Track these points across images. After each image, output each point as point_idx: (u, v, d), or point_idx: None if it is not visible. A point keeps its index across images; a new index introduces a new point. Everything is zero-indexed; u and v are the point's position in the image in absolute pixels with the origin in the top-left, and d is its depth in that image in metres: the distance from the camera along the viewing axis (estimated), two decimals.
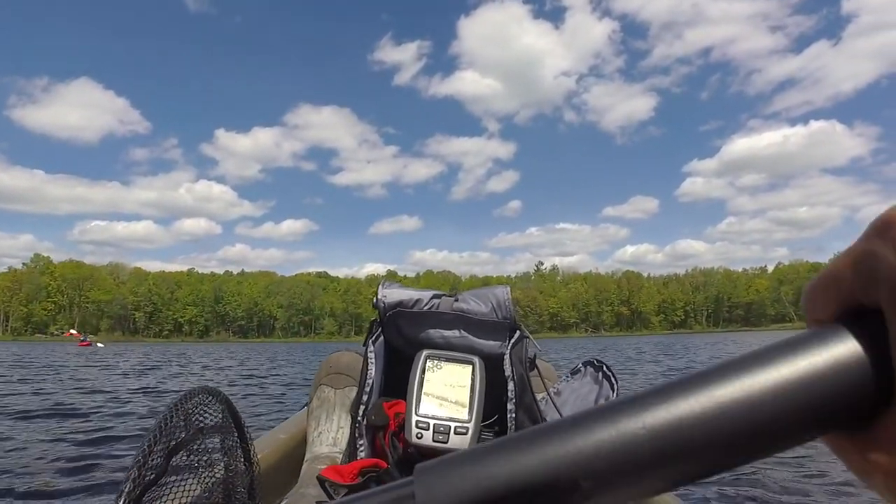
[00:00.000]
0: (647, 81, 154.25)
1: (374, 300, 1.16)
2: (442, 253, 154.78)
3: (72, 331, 60.43)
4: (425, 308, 1.15)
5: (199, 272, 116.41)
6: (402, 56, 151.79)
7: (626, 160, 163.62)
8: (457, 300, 1.16)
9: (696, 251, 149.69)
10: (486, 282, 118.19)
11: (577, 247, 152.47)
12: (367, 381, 1.07)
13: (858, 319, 0.20)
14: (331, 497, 0.91)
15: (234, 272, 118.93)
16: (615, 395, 1.41)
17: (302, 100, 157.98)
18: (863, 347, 0.19)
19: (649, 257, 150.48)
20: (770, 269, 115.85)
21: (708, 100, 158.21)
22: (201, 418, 0.73)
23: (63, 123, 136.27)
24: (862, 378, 0.19)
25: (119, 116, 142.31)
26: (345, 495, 0.88)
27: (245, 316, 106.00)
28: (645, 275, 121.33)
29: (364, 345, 1.14)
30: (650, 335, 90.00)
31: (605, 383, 1.46)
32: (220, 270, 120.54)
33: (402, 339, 1.18)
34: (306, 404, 1.51)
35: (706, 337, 55.52)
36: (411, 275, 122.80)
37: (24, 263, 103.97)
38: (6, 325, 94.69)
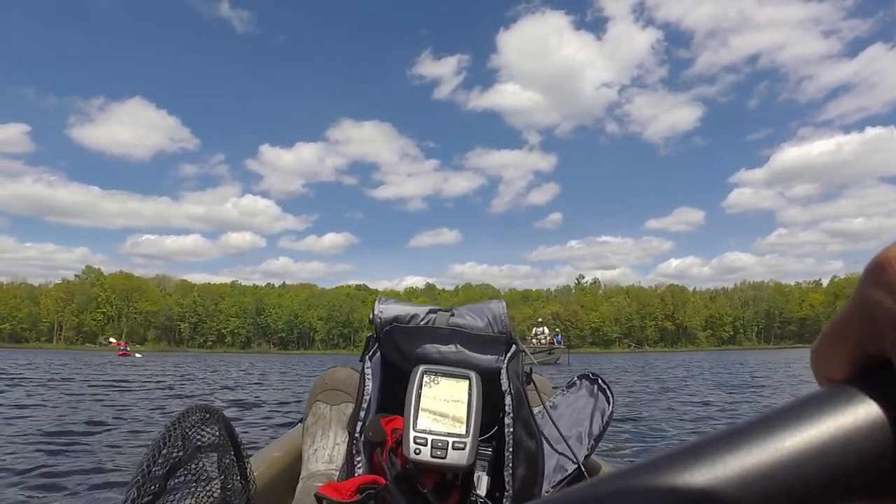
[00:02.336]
0: (691, 91, 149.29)
1: (371, 316, 1.16)
2: (482, 266, 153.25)
3: (111, 339, 61.84)
4: (421, 323, 1.14)
5: (242, 284, 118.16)
6: (441, 70, 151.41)
7: (669, 171, 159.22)
8: (453, 315, 1.15)
9: (745, 264, 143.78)
10: (526, 295, 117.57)
11: (619, 260, 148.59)
12: (365, 397, 1.06)
13: (869, 374, 0.19)
14: None
15: (276, 284, 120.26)
16: (611, 408, 1.44)
17: (344, 115, 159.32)
18: (878, 405, 0.18)
19: (694, 271, 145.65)
20: (825, 282, 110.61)
21: (756, 108, 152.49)
22: (199, 437, 0.73)
23: (117, 141, 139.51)
24: (881, 440, 0.17)
25: (170, 134, 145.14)
26: None
27: (286, 328, 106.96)
28: (690, 289, 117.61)
29: (361, 360, 1.13)
30: (696, 351, 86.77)
31: (601, 396, 1.49)
32: (262, 283, 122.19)
33: (398, 355, 1.17)
34: (300, 420, 1.53)
35: (759, 354, 52.72)
36: (450, 288, 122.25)
37: (76, 275, 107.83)
38: (59, 335, 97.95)
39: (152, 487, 0.62)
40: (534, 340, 30.53)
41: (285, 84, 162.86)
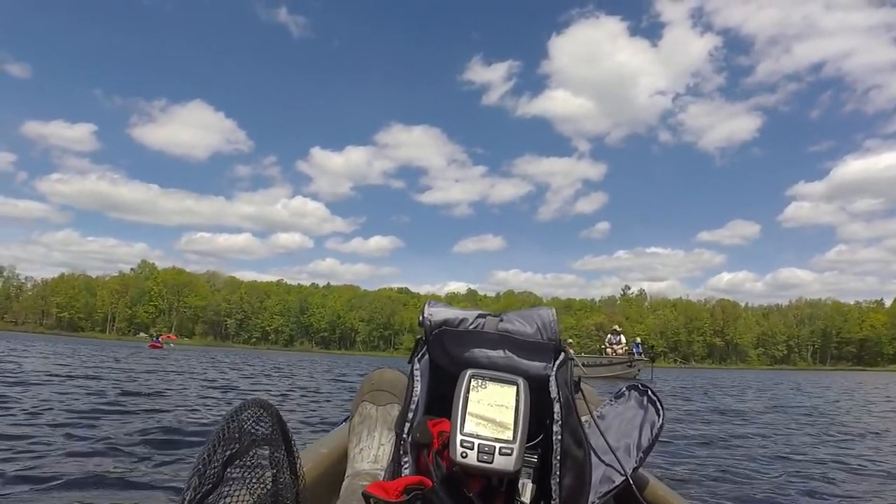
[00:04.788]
0: (750, 100, 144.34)
1: (420, 318, 1.14)
2: (526, 274, 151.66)
3: (151, 331, 62.78)
4: (470, 327, 1.13)
5: (288, 283, 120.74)
6: (491, 76, 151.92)
7: (724, 183, 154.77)
8: (502, 320, 1.13)
9: (801, 281, 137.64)
10: (569, 304, 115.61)
11: (668, 272, 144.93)
12: (413, 399, 1.06)
13: None
14: None
15: (321, 285, 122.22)
16: (661, 420, 1.43)
17: (393, 119, 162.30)
18: None
19: (747, 286, 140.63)
20: (888, 302, 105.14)
21: (818, 119, 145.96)
22: (254, 430, 0.76)
23: (177, 141, 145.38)
24: None
25: (226, 136, 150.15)
26: None
27: (328, 328, 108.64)
28: (742, 304, 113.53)
29: (409, 362, 1.12)
30: (747, 369, 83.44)
31: (651, 408, 1.48)
32: (308, 283, 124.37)
33: (446, 358, 1.16)
34: (346, 419, 1.58)
35: (814, 375, 49.83)
36: (492, 294, 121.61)
37: (131, 269, 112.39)
38: (112, 325, 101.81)
39: (212, 476, 0.64)
40: (609, 350, 25.34)
41: (337, 88, 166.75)
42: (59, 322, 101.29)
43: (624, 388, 1.62)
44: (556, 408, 1.02)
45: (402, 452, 1.03)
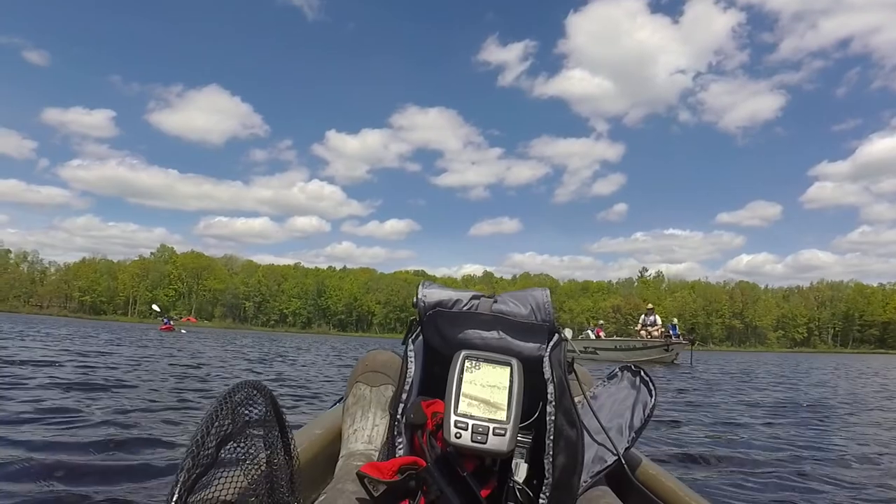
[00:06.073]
0: (774, 78, 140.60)
1: (414, 300, 1.16)
2: (542, 256, 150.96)
3: (171, 313, 62.42)
4: (464, 308, 1.14)
5: (305, 266, 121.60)
6: (507, 56, 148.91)
7: (745, 163, 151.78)
8: (496, 301, 1.15)
9: (823, 262, 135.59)
10: (586, 287, 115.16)
11: (686, 254, 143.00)
12: (407, 380, 1.07)
13: None
14: (370, 493, 0.93)
15: (338, 268, 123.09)
16: (653, 401, 1.46)
17: (409, 101, 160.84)
18: None
19: (767, 268, 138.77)
20: None
21: (844, 96, 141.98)
22: (247, 412, 0.76)
23: (194, 126, 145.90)
24: None
25: (242, 120, 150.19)
26: (384, 492, 0.94)
27: (345, 310, 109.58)
28: (762, 286, 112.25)
29: (403, 343, 1.13)
30: (766, 352, 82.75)
31: (643, 389, 1.50)
32: (325, 266, 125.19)
33: (440, 339, 1.17)
34: (338, 400, 1.57)
35: (835, 358, 48.71)
36: (508, 277, 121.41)
37: (151, 253, 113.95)
38: (133, 308, 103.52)
39: (205, 458, 0.64)
40: (643, 332, 22.98)
41: (352, 71, 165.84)
42: (81, 306, 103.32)
43: (617, 370, 1.62)
44: (550, 388, 1.03)
45: (396, 433, 1.04)
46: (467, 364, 1.01)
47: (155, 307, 55.32)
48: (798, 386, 10.85)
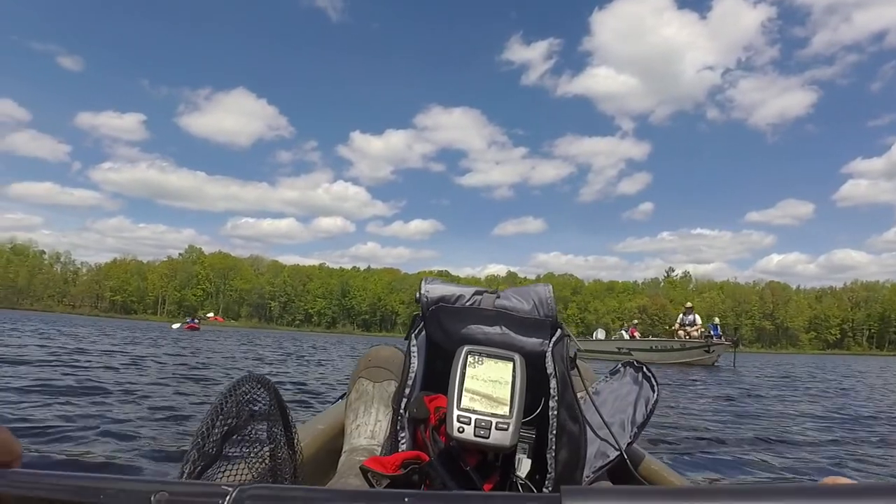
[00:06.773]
0: (805, 73, 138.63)
1: (417, 295, 1.17)
2: (566, 256, 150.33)
3: (209, 314, 63.37)
4: (467, 304, 1.15)
5: (329, 267, 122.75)
6: (531, 55, 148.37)
7: (776, 161, 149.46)
8: (499, 297, 1.16)
9: (857, 262, 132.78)
10: (612, 287, 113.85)
11: (714, 254, 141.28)
12: (410, 375, 1.08)
13: None
14: (373, 487, 0.92)
15: (362, 268, 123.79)
16: (655, 396, 1.46)
17: (433, 102, 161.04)
18: None
19: (799, 268, 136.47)
20: None
21: (879, 91, 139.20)
22: (251, 405, 0.76)
23: (221, 129, 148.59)
24: None
25: (268, 122, 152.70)
26: (387, 486, 0.93)
27: (369, 310, 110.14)
28: (793, 287, 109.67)
29: (406, 338, 1.15)
30: (798, 354, 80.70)
31: (646, 384, 1.51)
32: (350, 266, 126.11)
33: (443, 335, 1.17)
34: (341, 396, 1.62)
35: (871, 360, 47.00)
36: (532, 277, 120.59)
37: (179, 254, 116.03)
38: (163, 308, 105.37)
39: (211, 450, 0.64)
40: (681, 332, 21.53)
41: (376, 72, 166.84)
42: (112, 305, 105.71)
43: (619, 365, 1.63)
44: (553, 383, 1.03)
45: (399, 428, 1.05)
46: (470, 359, 1.01)
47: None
48: (853, 391, 9.98)
